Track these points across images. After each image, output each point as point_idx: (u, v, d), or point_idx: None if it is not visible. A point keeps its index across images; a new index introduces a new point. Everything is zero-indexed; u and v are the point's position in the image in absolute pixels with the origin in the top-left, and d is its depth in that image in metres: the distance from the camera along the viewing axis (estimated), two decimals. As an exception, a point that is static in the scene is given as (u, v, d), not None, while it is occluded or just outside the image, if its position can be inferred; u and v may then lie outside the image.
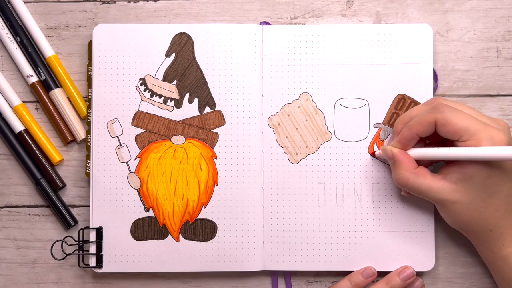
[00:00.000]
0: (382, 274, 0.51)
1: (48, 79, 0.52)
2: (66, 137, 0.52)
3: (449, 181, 0.44)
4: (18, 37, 0.52)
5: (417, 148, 0.46)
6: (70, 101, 0.52)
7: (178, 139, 0.51)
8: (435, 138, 0.47)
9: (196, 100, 0.51)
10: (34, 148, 0.52)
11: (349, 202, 0.50)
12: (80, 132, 0.52)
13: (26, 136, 0.52)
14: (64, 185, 0.52)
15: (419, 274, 0.51)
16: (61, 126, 0.52)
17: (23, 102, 0.52)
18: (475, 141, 0.42)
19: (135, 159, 0.51)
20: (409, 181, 0.45)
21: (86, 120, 0.52)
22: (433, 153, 0.45)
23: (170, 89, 0.51)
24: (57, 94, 0.52)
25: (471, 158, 0.42)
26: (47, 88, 0.52)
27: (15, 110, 0.52)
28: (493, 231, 0.45)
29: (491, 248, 0.46)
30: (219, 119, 0.51)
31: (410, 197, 0.50)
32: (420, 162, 0.47)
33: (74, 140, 0.53)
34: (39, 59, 0.52)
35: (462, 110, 0.44)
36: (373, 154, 0.50)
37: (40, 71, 0.52)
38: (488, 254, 0.46)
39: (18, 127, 0.52)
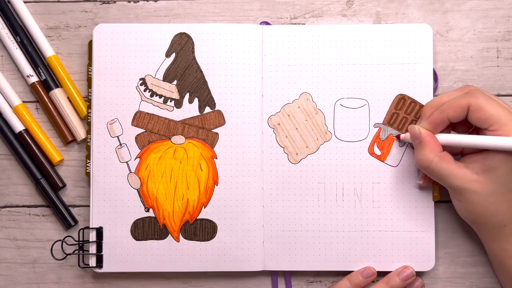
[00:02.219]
0: (382, 274, 0.51)
1: (48, 79, 0.52)
2: (66, 137, 0.52)
3: (471, 170, 0.44)
4: (18, 37, 0.52)
5: (444, 133, 0.46)
6: (70, 101, 0.52)
7: (178, 139, 0.51)
8: (461, 129, 0.47)
9: (196, 100, 0.51)
10: (34, 148, 0.52)
11: (349, 202, 0.50)
12: (80, 132, 0.52)
13: (26, 136, 0.52)
14: (64, 185, 0.52)
15: (419, 274, 0.51)
16: (61, 126, 0.52)
17: (23, 102, 0.52)
18: (505, 131, 0.42)
19: (135, 159, 0.51)
20: (432, 163, 0.44)
21: (86, 120, 0.52)
22: (460, 139, 0.44)
23: (170, 89, 0.51)
24: (57, 94, 0.52)
25: (498, 147, 0.42)
26: (47, 88, 0.52)
27: (15, 110, 0.52)
28: (507, 226, 0.44)
29: (502, 244, 0.45)
30: (219, 119, 0.51)
31: (421, 187, 0.49)
32: (445, 149, 0.46)
33: (74, 140, 0.53)
34: (39, 59, 0.52)
35: (494, 99, 0.44)
36: (398, 137, 0.50)
37: (40, 71, 0.52)
38: (498, 251, 0.46)
39: (18, 127, 0.52)
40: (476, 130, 0.46)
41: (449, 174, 0.44)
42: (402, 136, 0.50)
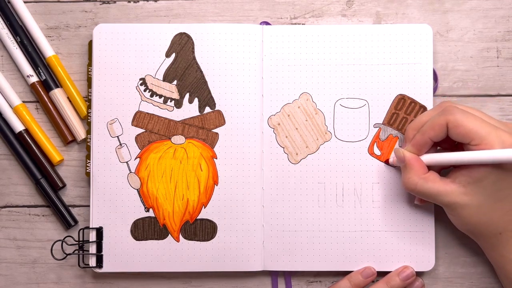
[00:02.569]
0: (382, 274, 0.51)
1: (48, 79, 0.52)
2: (66, 137, 0.52)
3: (458, 184, 0.44)
4: (18, 37, 0.52)
5: (428, 153, 0.46)
6: (70, 101, 0.52)
7: (178, 139, 0.51)
8: (447, 144, 0.47)
9: (196, 100, 0.51)
10: (34, 148, 0.52)
11: (349, 202, 0.50)
12: (80, 132, 0.52)
13: (26, 136, 0.52)
14: (64, 185, 0.52)
15: (419, 274, 0.51)
16: (61, 126, 0.52)
17: (23, 102, 0.52)
18: (486, 144, 0.42)
19: (135, 159, 0.51)
20: (417, 186, 0.45)
21: (86, 120, 0.52)
22: (444, 158, 0.45)
23: (170, 89, 0.51)
24: (57, 94, 0.52)
25: (483, 161, 0.42)
26: (47, 88, 0.52)
27: (15, 110, 0.52)
28: (502, 234, 0.45)
29: (500, 251, 0.46)
30: (219, 119, 0.51)
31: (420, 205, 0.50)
32: (431, 167, 0.47)
33: (74, 140, 0.53)
34: (39, 59, 0.52)
35: (472, 113, 0.44)
36: (386, 162, 0.50)
37: (40, 71, 0.52)
38: (498, 258, 0.46)
39: (18, 127, 0.52)
40: (460, 144, 0.46)
41: (436, 193, 0.44)
42: (391, 160, 0.50)
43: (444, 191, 0.44)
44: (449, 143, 0.47)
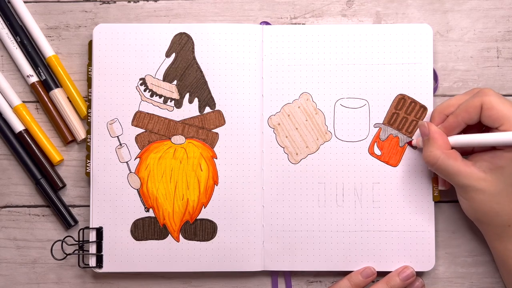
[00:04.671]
0: (382, 274, 0.51)
1: (48, 79, 0.52)
2: (66, 137, 0.52)
3: (478, 168, 0.44)
4: (18, 37, 0.52)
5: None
6: (70, 101, 0.52)
7: (178, 139, 0.51)
8: (472, 132, 0.47)
9: (196, 100, 0.51)
10: (34, 148, 0.52)
11: (349, 202, 0.50)
12: (80, 132, 0.52)
13: (26, 136, 0.52)
14: (64, 185, 0.52)
15: (419, 274, 0.51)
16: (61, 126, 0.52)
17: (23, 102, 0.52)
18: None
19: (135, 159, 0.51)
20: (439, 160, 0.45)
21: (86, 120, 0.52)
22: (471, 139, 0.45)
23: (170, 89, 0.51)
24: (57, 94, 0.52)
25: (508, 143, 0.42)
26: (47, 88, 0.52)
27: (15, 110, 0.52)
28: (511, 226, 0.45)
29: (506, 244, 0.45)
30: (219, 119, 0.51)
31: (443, 191, 0.50)
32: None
33: (74, 140, 0.52)
34: (39, 59, 0.52)
35: (508, 100, 0.44)
36: (410, 144, 0.50)
37: (40, 71, 0.52)
38: (502, 250, 0.46)
39: (18, 127, 0.52)
40: (486, 130, 0.46)
41: (456, 172, 0.44)
42: (414, 141, 0.50)
43: (464, 172, 0.44)
44: (475, 130, 0.47)
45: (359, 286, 0.49)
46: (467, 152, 0.48)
